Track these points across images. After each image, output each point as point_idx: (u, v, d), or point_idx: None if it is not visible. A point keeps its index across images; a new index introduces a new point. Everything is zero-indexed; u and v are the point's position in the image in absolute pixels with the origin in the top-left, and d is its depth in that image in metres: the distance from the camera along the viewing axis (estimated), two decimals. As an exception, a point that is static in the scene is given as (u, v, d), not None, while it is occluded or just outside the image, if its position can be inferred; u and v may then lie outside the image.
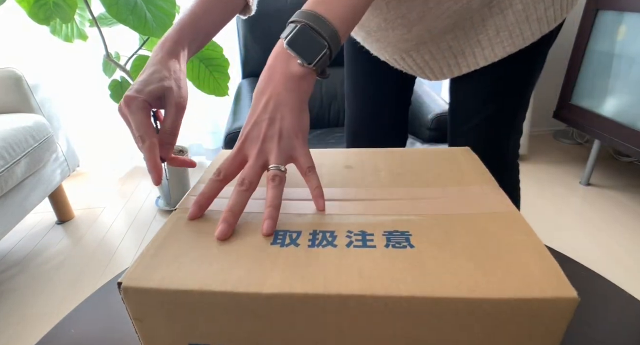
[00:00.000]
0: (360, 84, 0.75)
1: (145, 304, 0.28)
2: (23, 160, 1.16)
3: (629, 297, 0.47)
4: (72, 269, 1.28)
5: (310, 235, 0.31)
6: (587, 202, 1.55)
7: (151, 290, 0.27)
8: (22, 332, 1.05)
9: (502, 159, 0.70)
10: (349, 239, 0.30)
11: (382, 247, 0.29)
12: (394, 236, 0.30)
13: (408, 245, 0.29)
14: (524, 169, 1.81)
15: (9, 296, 1.18)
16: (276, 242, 0.31)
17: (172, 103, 0.42)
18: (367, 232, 0.31)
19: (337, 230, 0.31)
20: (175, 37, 0.45)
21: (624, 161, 1.85)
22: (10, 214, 1.14)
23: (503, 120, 0.65)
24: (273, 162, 0.34)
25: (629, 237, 1.34)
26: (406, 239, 0.30)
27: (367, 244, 0.30)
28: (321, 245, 0.30)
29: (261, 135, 0.35)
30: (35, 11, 1.18)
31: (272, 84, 0.36)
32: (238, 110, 1.39)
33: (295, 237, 0.31)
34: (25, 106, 1.32)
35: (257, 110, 0.36)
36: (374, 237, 0.30)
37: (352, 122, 0.80)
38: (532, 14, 0.52)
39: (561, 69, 1.72)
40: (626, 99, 1.41)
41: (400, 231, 0.31)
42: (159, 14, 1.16)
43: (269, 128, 0.35)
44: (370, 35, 0.61)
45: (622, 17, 1.39)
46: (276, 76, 0.36)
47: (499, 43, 0.55)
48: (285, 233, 0.32)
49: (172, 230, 0.33)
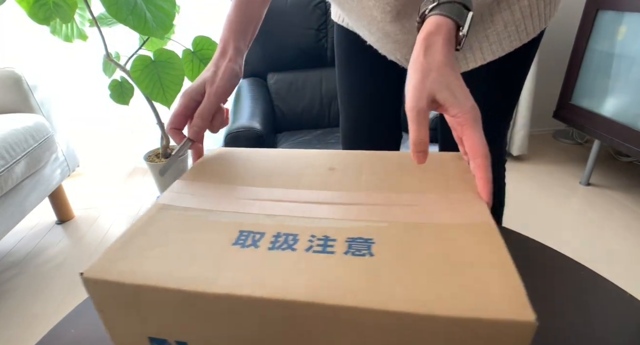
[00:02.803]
0: (358, 84, 0.75)
1: (106, 296, 0.29)
2: (23, 160, 1.16)
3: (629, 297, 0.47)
4: (72, 269, 1.28)
5: (273, 237, 0.31)
6: (587, 202, 1.55)
7: (110, 282, 0.28)
8: (22, 332, 1.05)
9: (498, 156, 0.72)
10: (310, 244, 0.30)
11: (341, 253, 0.29)
12: (356, 243, 0.30)
13: (368, 254, 0.28)
14: (524, 168, 1.81)
15: (9, 296, 1.18)
16: (238, 242, 0.31)
17: (207, 93, 0.46)
18: (330, 237, 0.31)
19: (301, 234, 0.31)
20: (225, 35, 0.49)
21: (624, 161, 1.85)
22: (10, 214, 1.14)
23: (499, 116, 0.67)
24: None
25: (629, 237, 1.34)
26: (368, 247, 0.29)
27: (327, 249, 0.29)
28: (281, 248, 0.30)
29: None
30: (35, 11, 1.18)
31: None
32: (238, 110, 1.39)
33: (257, 239, 0.31)
34: (25, 106, 1.32)
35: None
36: (335, 242, 0.30)
37: (351, 122, 0.80)
38: (534, 10, 0.54)
39: (561, 69, 1.72)
40: (626, 99, 1.41)
41: (364, 238, 0.30)
42: (159, 14, 1.16)
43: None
44: (389, 36, 0.60)
45: (622, 17, 1.39)
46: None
47: (507, 38, 0.56)
48: (249, 234, 0.32)
49: (145, 224, 0.34)
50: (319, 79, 1.62)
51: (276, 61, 1.64)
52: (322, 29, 1.60)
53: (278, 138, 1.53)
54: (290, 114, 1.63)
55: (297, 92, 1.62)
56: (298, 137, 1.51)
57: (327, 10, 1.58)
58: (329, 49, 1.63)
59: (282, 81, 1.62)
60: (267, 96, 1.60)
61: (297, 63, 1.64)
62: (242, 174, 0.42)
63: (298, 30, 1.58)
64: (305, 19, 1.57)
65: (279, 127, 1.63)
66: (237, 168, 0.43)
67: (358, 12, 0.56)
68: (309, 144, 1.43)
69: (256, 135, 1.24)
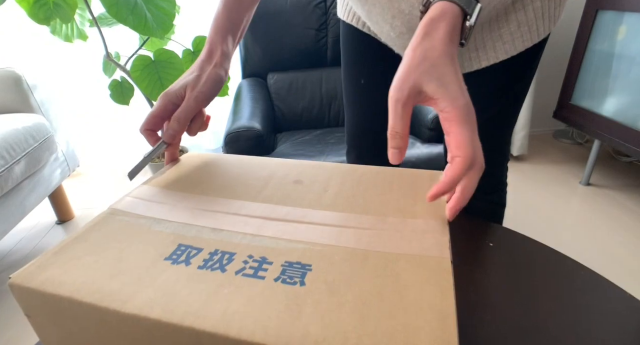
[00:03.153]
0: (367, 83, 0.73)
1: (30, 302, 0.28)
2: (23, 160, 1.16)
3: (629, 297, 0.47)
4: (72, 269, 1.28)
5: (209, 254, 0.30)
6: (587, 202, 1.55)
7: (33, 290, 0.27)
8: (22, 332, 1.05)
9: (502, 158, 0.72)
10: (244, 265, 0.28)
11: (271, 280, 0.27)
12: (292, 269, 0.28)
13: (299, 282, 0.27)
14: (524, 169, 1.81)
15: (9, 296, 1.18)
16: (171, 257, 0.30)
17: (186, 97, 0.45)
18: (267, 259, 0.29)
19: (239, 253, 0.30)
20: (213, 37, 0.48)
21: (624, 161, 1.85)
22: (10, 214, 1.14)
23: (506, 119, 0.67)
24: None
25: (629, 237, 1.34)
26: (302, 275, 0.27)
27: (258, 273, 0.28)
28: (211, 268, 0.28)
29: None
30: (35, 11, 1.18)
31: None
32: (238, 110, 1.39)
33: (193, 255, 0.30)
34: (25, 106, 1.32)
35: None
36: (270, 266, 0.28)
37: (359, 120, 0.78)
38: (546, 11, 0.55)
39: (561, 69, 1.72)
40: (626, 99, 1.41)
41: (302, 263, 0.28)
42: (159, 14, 1.16)
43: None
44: (412, 30, 0.59)
45: (622, 17, 1.39)
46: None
47: (519, 37, 0.57)
48: (187, 249, 0.30)
49: (89, 230, 0.33)
50: (319, 79, 1.62)
51: (276, 61, 1.64)
52: (322, 29, 1.60)
53: (278, 138, 1.53)
54: (290, 114, 1.63)
55: (297, 92, 1.62)
56: (298, 137, 1.51)
57: (327, 10, 1.58)
58: (329, 49, 1.63)
59: (282, 81, 1.62)
60: (267, 96, 1.60)
61: (297, 63, 1.64)
62: (207, 182, 0.41)
63: (298, 30, 1.58)
64: (305, 19, 1.57)
65: (279, 127, 1.63)
66: (204, 175, 0.42)
67: (383, 5, 0.56)
68: (309, 143, 1.43)
69: (256, 135, 1.24)
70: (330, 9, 1.58)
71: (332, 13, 1.58)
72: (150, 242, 0.32)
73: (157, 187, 0.40)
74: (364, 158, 0.81)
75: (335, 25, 1.59)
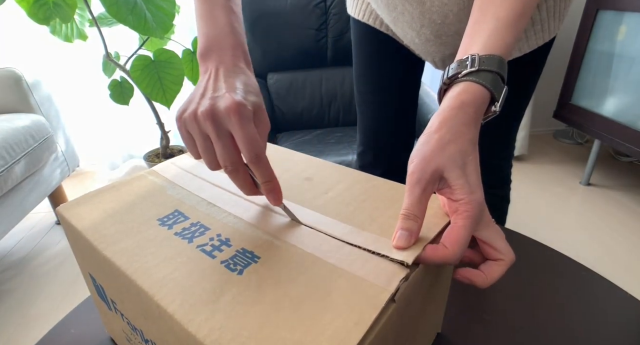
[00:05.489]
0: (383, 82, 0.73)
1: (67, 228, 0.36)
2: (23, 160, 1.16)
3: (629, 297, 0.47)
4: (72, 269, 1.28)
5: (190, 224, 0.33)
6: (587, 202, 1.55)
7: (66, 220, 0.35)
8: (22, 332, 1.05)
9: (507, 156, 0.73)
10: (208, 241, 0.31)
11: (219, 261, 0.28)
12: (242, 256, 0.29)
13: (238, 271, 0.27)
14: (524, 169, 1.81)
15: (9, 296, 1.18)
16: (162, 219, 0.34)
17: (264, 121, 0.34)
18: (229, 241, 0.31)
19: (213, 230, 0.32)
20: (234, 41, 0.39)
21: (624, 161, 1.85)
22: (10, 214, 1.14)
23: (515, 112, 0.68)
24: None
25: (629, 237, 1.34)
26: (246, 265, 0.28)
27: (213, 253, 0.29)
28: (183, 236, 0.31)
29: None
30: (35, 11, 1.18)
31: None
32: (238, 110, 1.39)
33: (179, 221, 0.34)
34: (25, 106, 1.32)
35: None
36: (228, 249, 0.30)
37: (373, 119, 0.78)
38: (557, 10, 0.56)
39: (561, 69, 1.72)
40: (626, 99, 1.41)
41: (254, 254, 0.29)
42: (158, 13, 1.16)
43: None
44: (440, 38, 0.59)
45: (622, 17, 1.39)
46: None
47: (533, 35, 0.58)
48: (179, 215, 0.35)
49: (125, 183, 0.40)
50: (319, 79, 1.62)
51: (276, 61, 1.64)
52: (322, 29, 1.60)
53: (278, 138, 1.53)
54: (290, 114, 1.63)
55: (297, 92, 1.62)
56: (298, 137, 1.51)
57: (327, 10, 1.58)
58: (329, 49, 1.63)
59: (282, 81, 1.62)
60: (267, 96, 1.60)
61: (297, 63, 1.64)
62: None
63: (298, 30, 1.58)
64: (305, 19, 1.57)
65: (279, 127, 1.63)
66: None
67: (413, 15, 0.56)
68: (309, 143, 1.43)
69: (256, 135, 1.23)
70: (330, 9, 1.58)
71: (332, 13, 1.58)
72: (158, 203, 0.36)
73: (195, 160, 0.44)
74: (380, 159, 0.80)
75: (335, 25, 1.59)
